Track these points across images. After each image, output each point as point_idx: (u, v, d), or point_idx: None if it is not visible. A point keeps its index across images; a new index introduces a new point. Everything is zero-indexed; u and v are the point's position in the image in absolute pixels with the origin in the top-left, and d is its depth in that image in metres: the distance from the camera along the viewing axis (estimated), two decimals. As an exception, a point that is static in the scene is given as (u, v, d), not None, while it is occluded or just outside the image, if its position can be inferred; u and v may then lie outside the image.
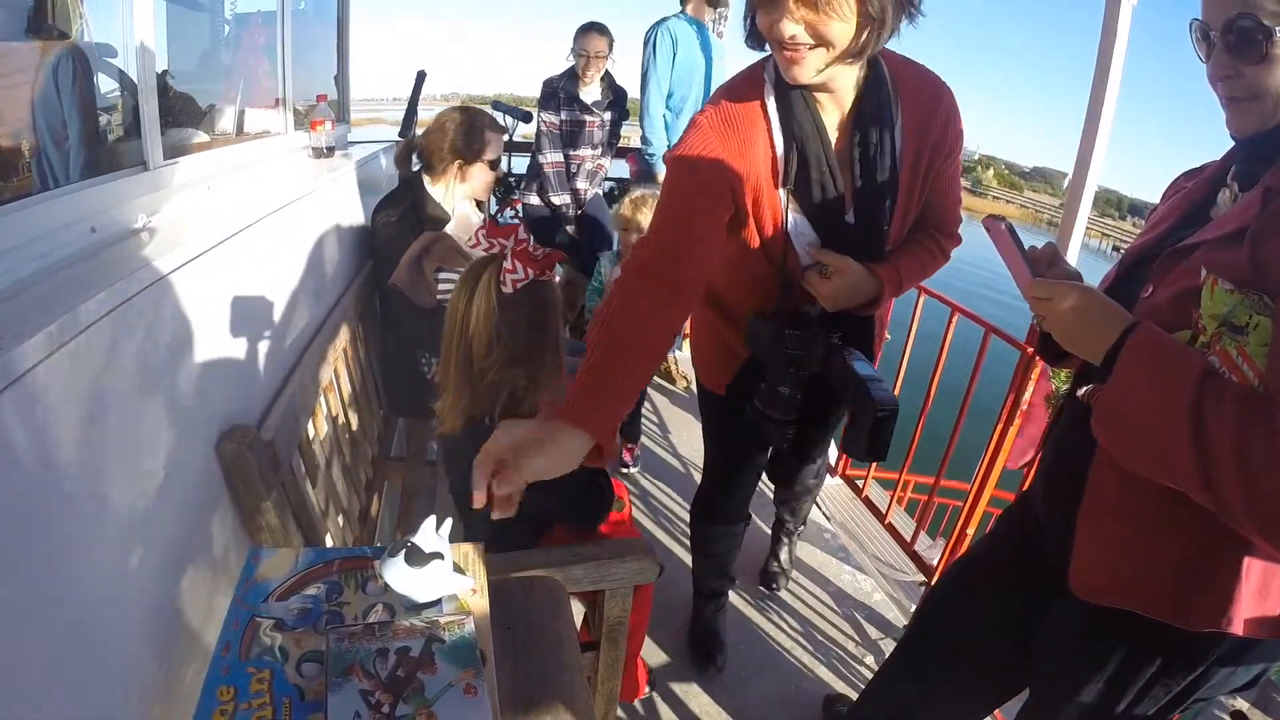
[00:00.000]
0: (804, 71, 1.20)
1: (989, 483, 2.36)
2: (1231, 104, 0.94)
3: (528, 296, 1.52)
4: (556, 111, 3.66)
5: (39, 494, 0.83)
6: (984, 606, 1.39)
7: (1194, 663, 1.06)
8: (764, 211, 1.39)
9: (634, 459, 3.27)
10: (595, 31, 3.57)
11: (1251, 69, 0.90)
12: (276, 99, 2.46)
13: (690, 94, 3.61)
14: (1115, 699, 1.12)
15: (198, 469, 1.26)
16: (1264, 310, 0.85)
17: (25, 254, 1.04)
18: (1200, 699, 1.10)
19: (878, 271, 1.42)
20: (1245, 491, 0.79)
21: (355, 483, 2.07)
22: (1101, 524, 1.07)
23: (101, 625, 0.96)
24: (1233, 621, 0.97)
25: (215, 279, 1.36)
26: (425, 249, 2.21)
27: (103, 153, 1.41)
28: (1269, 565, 0.96)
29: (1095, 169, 1.95)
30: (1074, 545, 1.10)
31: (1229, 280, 0.88)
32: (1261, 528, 0.80)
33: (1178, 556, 0.99)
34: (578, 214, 3.84)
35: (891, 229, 1.43)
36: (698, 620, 2.31)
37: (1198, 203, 1.07)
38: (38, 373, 0.81)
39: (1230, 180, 1.01)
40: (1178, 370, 0.86)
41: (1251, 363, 0.86)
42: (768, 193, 1.37)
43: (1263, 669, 1.08)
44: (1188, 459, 0.82)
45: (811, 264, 1.42)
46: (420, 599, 1.00)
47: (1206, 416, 0.82)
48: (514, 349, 1.53)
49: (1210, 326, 0.90)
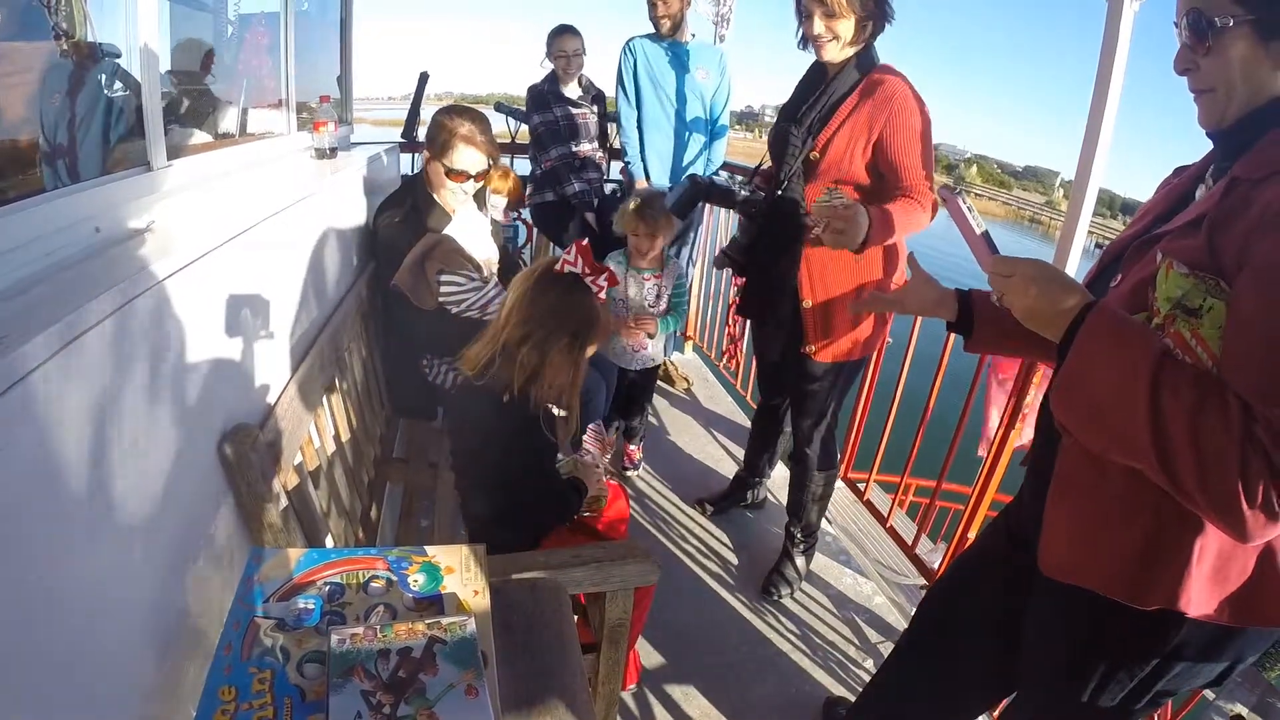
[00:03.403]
0: (829, 54, 1.99)
1: (990, 486, 2.36)
2: (1196, 97, 0.99)
3: (564, 287, 1.64)
4: (549, 110, 3.74)
5: (41, 493, 0.83)
6: (979, 605, 1.41)
7: (1151, 648, 1.09)
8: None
9: (637, 461, 3.28)
10: (568, 33, 3.70)
11: (1206, 61, 0.95)
12: (279, 100, 2.47)
13: (660, 108, 3.66)
14: (1080, 685, 1.16)
15: (200, 469, 1.26)
16: (1218, 294, 0.88)
17: (30, 253, 1.04)
18: (1164, 691, 1.13)
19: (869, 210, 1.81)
20: (1199, 470, 0.82)
21: (357, 483, 2.07)
22: (1067, 503, 1.11)
23: (103, 625, 0.95)
24: (1183, 601, 1.01)
25: (219, 279, 1.36)
26: (427, 251, 2.21)
27: (106, 153, 1.41)
28: (1226, 551, 0.99)
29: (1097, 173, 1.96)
30: (1043, 524, 1.14)
31: (1184, 264, 0.92)
32: (1212, 505, 0.83)
33: (1137, 537, 1.03)
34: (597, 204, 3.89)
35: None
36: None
37: (1179, 198, 1.10)
38: (42, 372, 0.81)
39: (1208, 176, 1.05)
40: (1137, 349, 0.88)
41: (1205, 345, 0.89)
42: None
43: (1228, 666, 1.10)
44: (1145, 436, 0.85)
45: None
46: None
47: (1163, 395, 0.84)
48: (528, 322, 1.62)
49: (1164, 308, 0.94)
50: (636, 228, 2.77)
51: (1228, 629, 1.04)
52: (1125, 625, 1.09)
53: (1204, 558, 0.99)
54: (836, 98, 2.03)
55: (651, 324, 2.86)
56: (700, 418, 3.87)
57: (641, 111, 3.65)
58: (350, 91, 3.24)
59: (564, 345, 1.63)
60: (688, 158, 3.75)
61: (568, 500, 1.86)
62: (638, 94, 3.63)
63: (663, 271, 2.92)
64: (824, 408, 2.37)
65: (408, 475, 2.52)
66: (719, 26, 4.13)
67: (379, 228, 2.38)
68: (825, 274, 2.14)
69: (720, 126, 3.77)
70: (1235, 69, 0.93)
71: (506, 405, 1.60)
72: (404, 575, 1.09)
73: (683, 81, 3.62)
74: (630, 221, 2.78)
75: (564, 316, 1.63)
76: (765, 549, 2.79)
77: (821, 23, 1.94)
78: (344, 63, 3.20)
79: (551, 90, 3.77)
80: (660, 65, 3.60)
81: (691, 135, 3.71)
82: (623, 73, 3.65)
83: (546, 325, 1.62)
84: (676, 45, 3.60)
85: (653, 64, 3.60)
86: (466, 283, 2.23)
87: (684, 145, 3.73)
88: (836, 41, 1.96)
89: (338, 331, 2.01)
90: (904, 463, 2.84)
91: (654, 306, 2.93)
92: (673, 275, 2.95)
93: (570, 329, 1.63)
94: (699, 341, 4.69)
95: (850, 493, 3.18)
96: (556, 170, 3.77)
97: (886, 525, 2.89)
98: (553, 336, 1.61)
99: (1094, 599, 1.08)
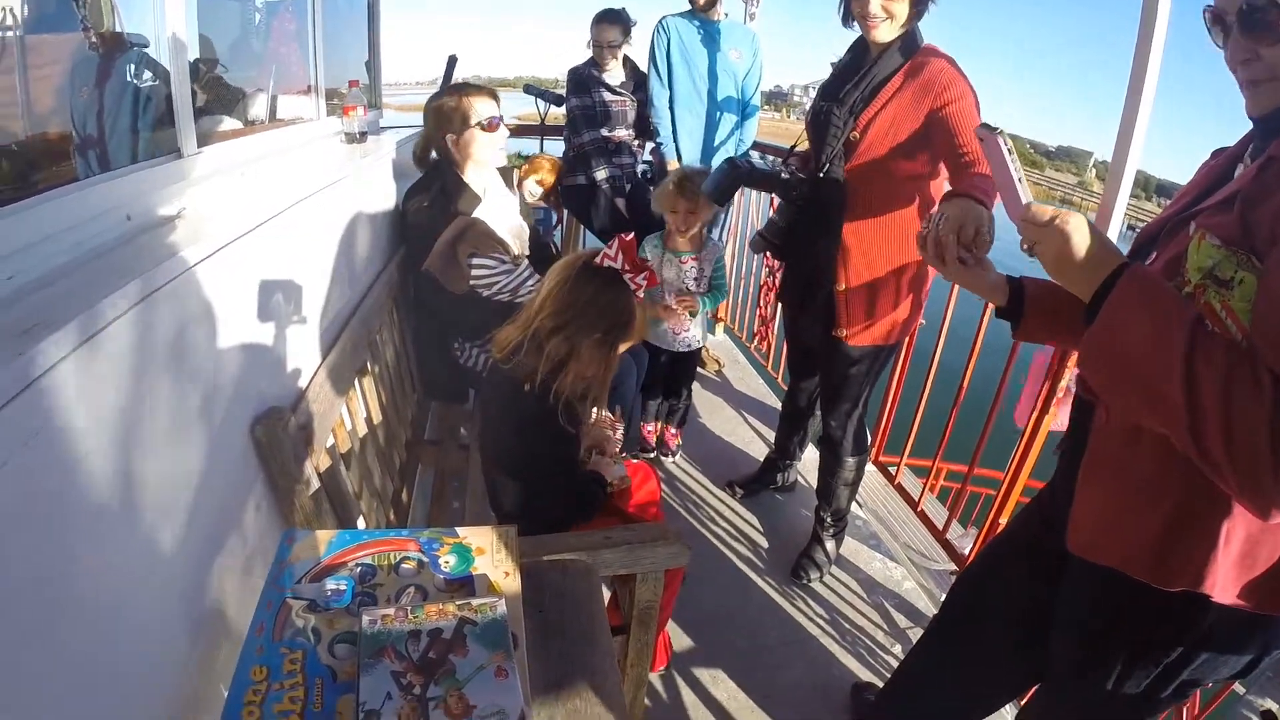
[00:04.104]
0: (880, 34, 1.95)
1: (1023, 471, 2.32)
2: (1251, 86, 0.96)
3: (602, 281, 1.61)
4: (587, 94, 3.69)
5: (74, 478, 0.84)
6: (1009, 592, 1.41)
7: (1177, 633, 1.08)
8: None
9: (675, 449, 3.27)
10: (606, 21, 3.61)
11: (1270, 50, 0.91)
12: (308, 85, 2.48)
13: (692, 87, 3.62)
14: (1105, 671, 1.15)
15: (233, 451, 1.28)
16: (1249, 268, 0.88)
17: (62, 242, 1.05)
18: (1189, 681, 1.12)
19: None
20: (1226, 436, 0.81)
21: (388, 466, 2.09)
22: (1097, 482, 1.11)
23: (137, 606, 0.97)
24: (1208, 584, 1.00)
25: (249, 265, 1.37)
26: (458, 235, 2.21)
27: (137, 141, 1.42)
28: (1254, 536, 0.98)
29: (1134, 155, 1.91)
30: (1073, 503, 1.14)
31: (1217, 237, 0.91)
32: (1237, 473, 0.82)
33: (1164, 517, 1.02)
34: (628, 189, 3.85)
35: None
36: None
37: (1217, 178, 1.08)
38: (74, 359, 0.82)
39: (1246, 156, 1.03)
40: (1173, 310, 0.88)
41: (1235, 317, 0.89)
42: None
43: (1255, 656, 1.09)
44: (1179, 396, 0.84)
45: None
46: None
47: (1197, 360, 0.83)
48: (562, 313, 1.60)
49: (1194, 278, 0.93)
50: (676, 204, 2.72)
51: (1254, 617, 1.03)
52: (1151, 609, 1.08)
53: (1231, 541, 0.99)
54: (880, 78, 1.99)
55: (693, 302, 2.84)
56: (731, 400, 3.85)
57: (674, 91, 3.61)
58: (379, 76, 3.25)
59: (595, 341, 1.61)
60: (719, 138, 3.71)
61: (590, 496, 1.85)
62: (670, 73, 3.59)
63: (700, 254, 2.87)
64: (857, 393, 2.34)
65: (439, 457, 2.54)
66: (749, 5, 4.08)
67: (408, 212, 2.38)
68: (863, 257, 2.11)
69: (751, 107, 3.73)
70: None
71: (526, 393, 1.59)
72: (435, 556, 1.09)
73: (715, 61, 3.58)
74: (669, 199, 2.74)
75: (600, 312, 1.61)
76: (795, 532, 2.77)
77: (878, 2, 1.89)
78: (372, 47, 3.21)
79: (591, 75, 3.70)
80: (693, 44, 3.56)
81: (723, 115, 3.67)
82: (655, 51, 3.60)
83: (581, 319, 1.59)
84: (709, 24, 3.56)
85: (686, 43, 3.56)
86: (498, 265, 2.23)
87: (715, 125, 3.69)
88: (891, 21, 1.92)
89: (369, 315, 2.02)
90: (936, 446, 2.81)
91: (692, 287, 2.89)
92: (712, 256, 2.90)
93: (604, 325, 1.61)
94: (730, 323, 4.66)
95: (881, 476, 3.15)
96: (588, 154, 3.74)
97: (917, 509, 2.87)
98: (585, 330, 1.60)
99: (1121, 582, 1.07)
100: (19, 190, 1.07)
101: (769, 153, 3.55)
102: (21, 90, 1.16)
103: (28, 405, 0.75)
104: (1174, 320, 0.86)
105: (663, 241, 2.88)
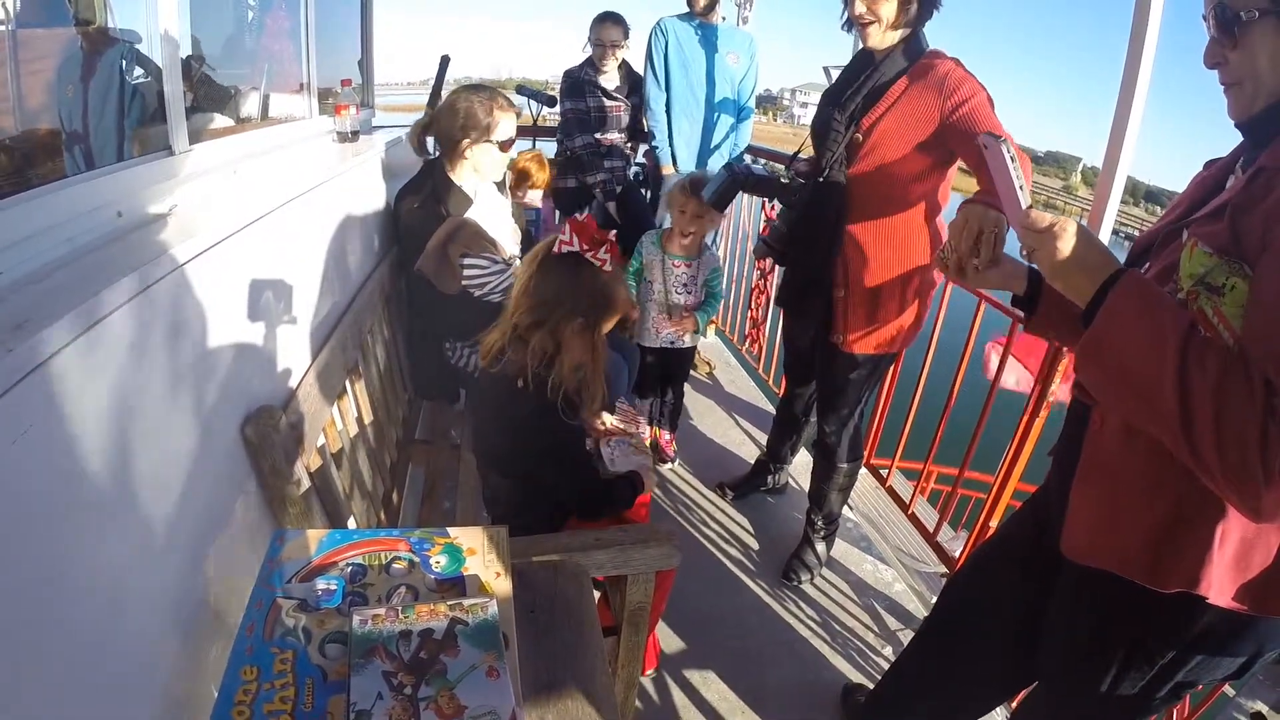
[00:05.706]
0: (872, 37, 1.97)
1: (1013, 475, 2.34)
2: (1226, 90, 1.01)
3: (566, 268, 1.61)
4: (582, 99, 3.68)
5: (64, 476, 0.84)
6: (1000, 594, 1.42)
7: (1171, 635, 1.09)
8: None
9: (673, 455, 3.26)
10: (610, 21, 3.61)
11: (1234, 54, 0.97)
12: (301, 84, 2.47)
13: (688, 91, 3.63)
14: (1099, 673, 1.16)
15: (223, 450, 1.27)
16: (1240, 274, 0.90)
17: (52, 238, 1.05)
18: (1184, 682, 1.13)
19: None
20: (1218, 439, 0.83)
21: (379, 465, 2.08)
22: (1092, 485, 1.13)
23: (127, 606, 0.96)
24: (1203, 586, 1.01)
25: (241, 263, 1.36)
26: (450, 235, 2.21)
27: (128, 138, 1.41)
28: (1249, 538, 1.00)
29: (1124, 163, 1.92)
30: (1068, 508, 1.15)
31: (1209, 246, 0.93)
32: (1228, 475, 0.83)
33: (1159, 518, 1.04)
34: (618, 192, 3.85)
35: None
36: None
37: (1210, 189, 1.10)
38: (65, 355, 0.82)
39: (1238, 166, 1.05)
40: (1168, 314, 0.90)
41: (1226, 322, 0.91)
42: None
43: (1249, 658, 1.10)
44: (1171, 399, 0.85)
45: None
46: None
47: (1189, 365, 0.85)
48: (537, 308, 1.61)
49: (1186, 285, 0.95)
50: (685, 204, 2.71)
51: (1249, 618, 1.05)
52: (1146, 611, 1.09)
53: (1226, 543, 1.00)
54: (883, 82, 1.99)
55: (691, 322, 2.85)
56: (722, 402, 3.86)
57: (670, 94, 3.61)
58: (371, 75, 3.23)
59: (577, 326, 1.60)
60: (714, 141, 3.72)
61: (616, 493, 1.84)
62: (667, 76, 3.58)
63: (695, 261, 2.86)
64: (855, 400, 2.34)
65: (430, 457, 2.53)
66: (742, 8, 4.09)
67: (400, 211, 2.37)
68: (865, 263, 2.11)
69: (746, 110, 3.74)
70: (1262, 61, 0.94)
71: (521, 391, 1.58)
72: (426, 557, 1.09)
73: (713, 65, 3.58)
74: (679, 198, 2.73)
75: (574, 297, 1.60)
76: (785, 534, 2.78)
77: (863, 4, 1.92)
78: (365, 46, 3.20)
79: (588, 78, 3.70)
80: (691, 47, 3.55)
81: (719, 119, 3.68)
82: (653, 54, 3.60)
83: (557, 309, 1.59)
84: (707, 27, 3.56)
85: (684, 46, 3.55)
86: (490, 265, 2.22)
87: (711, 129, 3.70)
88: (879, 24, 1.94)
89: (360, 314, 2.01)
90: (927, 450, 2.82)
91: (681, 294, 2.88)
92: (706, 266, 2.88)
93: (581, 309, 1.61)
94: (722, 325, 4.67)
95: (872, 479, 3.16)
96: (580, 157, 3.74)
97: (908, 512, 2.88)
98: (564, 319, 1.59)
99: (1115, 584, 1.09)
100: (9, 186, 1.06)
101: (762, 156, 3.56)
102: (13, 85, 1.15)
103: (17, 401, 0.74)
104: (1168, 325, 0.88)
105: (660, 240, 2.88)
